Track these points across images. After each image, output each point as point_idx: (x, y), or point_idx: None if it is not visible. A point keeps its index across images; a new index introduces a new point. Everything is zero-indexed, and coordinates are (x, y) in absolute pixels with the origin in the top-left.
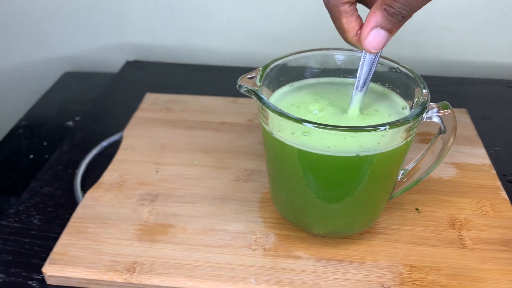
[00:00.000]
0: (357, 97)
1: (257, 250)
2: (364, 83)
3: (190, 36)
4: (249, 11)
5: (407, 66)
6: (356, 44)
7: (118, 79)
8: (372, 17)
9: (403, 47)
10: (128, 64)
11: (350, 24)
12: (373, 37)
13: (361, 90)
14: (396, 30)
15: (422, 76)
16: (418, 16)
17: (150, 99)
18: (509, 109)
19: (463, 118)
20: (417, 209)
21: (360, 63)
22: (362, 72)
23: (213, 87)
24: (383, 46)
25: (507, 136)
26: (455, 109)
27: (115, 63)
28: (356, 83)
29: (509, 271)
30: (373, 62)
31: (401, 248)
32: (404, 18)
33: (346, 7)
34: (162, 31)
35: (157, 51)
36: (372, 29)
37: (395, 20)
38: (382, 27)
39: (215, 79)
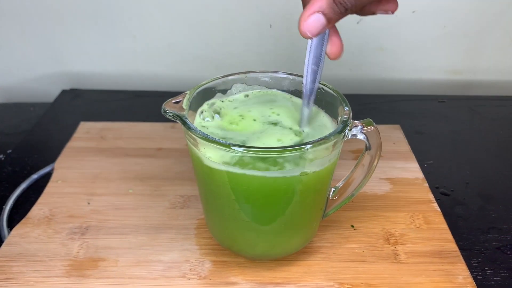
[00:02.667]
0: (305, 112)
1: (192, 279)
2: (310, 96)
3: (129, 62)
4: (189, 37)
5: (330, 86)
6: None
7: (53, 109)
8: (318, 1)
9: (341, 68)
10: (64, 93)
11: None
12: (312, 21)
13: (308, 104)
14: (335, 21)
15: (358, 94)
16: (354, 37)
17: (84, 127)
18: (441, 123)
19: (396, 133)
20: (352, 226)
21: (305, 74)
22: (308, 83)
23: (153, 113)
24: (318, 33)
25: (440, 150)
26: (389, 126)
27: (50, 93)
28: (303, 96)
29: (442, 283)
30: (317, 72)
31: (338, 266)
32: (347, 10)
33: None
34: (100, 58)
35: (95, 78)
36: (313, 13)
37: (338, 10)
38: (324, 14)
39: (154, 105)
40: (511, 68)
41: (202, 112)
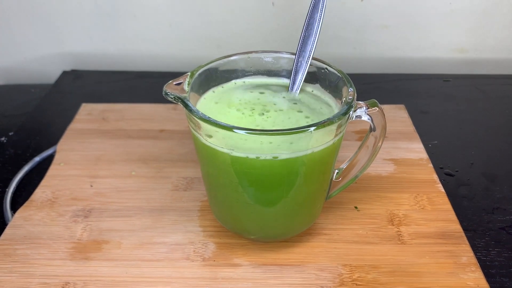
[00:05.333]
0: (299, 76)
1: (196, 261)
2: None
3: (130, 43)
4: (191, 16)
5: (335, 66)
6: None
7: (54, 90)
8: None
9: (343, 46)
10: (65, 74)
11: None
12: None
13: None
14: None
15: (361, 74)
16: (358, 15)
17: (86, 109)
18: (446, 103)
19: (401, 114)
20: (356, 207)
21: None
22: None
23: (154, 94)
24: None
25: (444, 129)
26: (393, 105)
27: (51, 74)
28: (295, 62)
29: (446, 264)
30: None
31: (341, 248)
32: None
33: None
34: (100, 39)
35: (95, 59)
36: None
37: None
38: None
39: (156, 86)
40: None
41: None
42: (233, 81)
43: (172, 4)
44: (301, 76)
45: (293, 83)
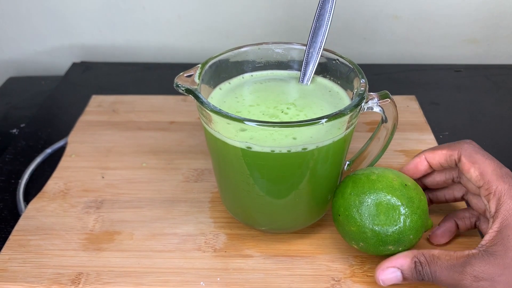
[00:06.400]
0: (310, 66)
1: (207, 252)
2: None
3: (139, 34)
4: (199, 7)
5: (346, 57)
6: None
7: (64, 82)
8: (402, 258)
9: (354, 37)
10: (75, 65)
11: (417, 164)
12: (390, 273)
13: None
14: (409, 281)
15: (372, 64)
16: (369, 5)
17: (96, 101)
18: (457, 94)
19: (412, 104)
20: None
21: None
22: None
23: (164, 86)
24: (390, 284)
25: (455, 120)
26: (404, 96)
27: (61, 66)
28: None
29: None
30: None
31: None
32: (422, 280)
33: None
34: (110, 31)
35: (105, 51)
36: (394, 267)
37: (415, 276)
38: (402, 271)
39: (165, 77)
40: None
41: None
42: (241, 76)
43: None
44: (312, 67)
45: (304, 74)
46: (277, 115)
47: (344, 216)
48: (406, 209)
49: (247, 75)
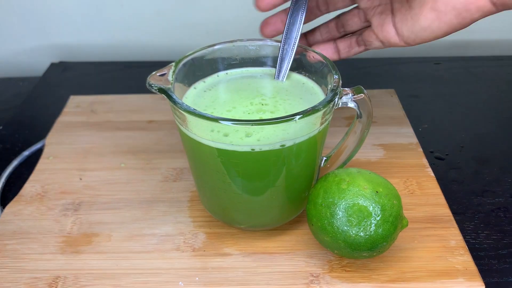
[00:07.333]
0: (285, 64)
1: (186, 252)
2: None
3: (118, 32)
4: (178, 3)
5: (320, 53)
6: None
7: (42, 83)
8: None
9: None
10: (53, 66)
11: None
12: None
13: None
14: None
15: (352, 59)
16: None
17: (74, 102)
18: (437, 86)
19: (391, 98)
20: None
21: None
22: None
23: (143, 84)
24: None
25: (435, 113)
26: (383, 90)
27: (39, 67)
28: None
29: (435, 248)
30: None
31: None
32: None
33: None
34: (88, 29)
35: (84, 50)
36: None
37: None
38: None
39: (145, 76)
40: (508, 26)
41: None
42: (216, 74)
43: None
44: (287, 63)
45: (279, 71)
46: (252, 112)
47: (317, 227)
48: (378, 218)
49: (222, 73)
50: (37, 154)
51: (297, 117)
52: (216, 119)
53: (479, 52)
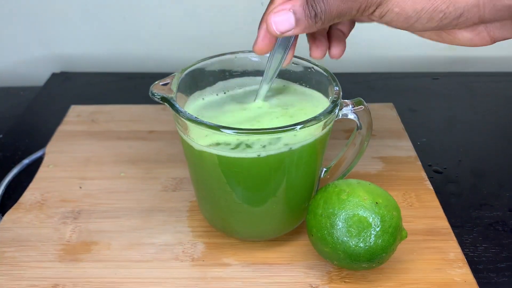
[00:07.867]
0: (263, 88)
1: (185, 261)
2: (272, 76)
3: (119, 44)
4: (180, 16)
5: (321, 65)
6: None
7: (43, 93)
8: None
9: None
10: (54, 76)
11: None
12: (283, 15)
13: (268, 83)
14: (301, 27)
15: (350, 73)
16: None
17: (75, 111)
18: (435, 101)
19: (389, 112)
20: None
21: (269, 56)
22: (271, 65)
23: (144, 95)
24: (285, 32)
25: (433, 127)
26: (382, 104)
27: (40, 76)
28: (264, 75)
29: (434, 260)
30: (282, 57)
31: None
32: (316, 17)
33: None
34: (90, 40)
35: (85, 61)
36: (286, 9)
37: (308, 13)
38: (294, 13)
39: (146, 87)
40: (507, 42)
41: None
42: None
43: (161, 5)
44: (265, 89)
45: (258, 91)
46: (253, 122)
47: (317, 237)
48: (378, 229)
49: (222, 83)
50: (37, 163)
51: (298, 127)
52: (218, 127)
53: (477, 68)
